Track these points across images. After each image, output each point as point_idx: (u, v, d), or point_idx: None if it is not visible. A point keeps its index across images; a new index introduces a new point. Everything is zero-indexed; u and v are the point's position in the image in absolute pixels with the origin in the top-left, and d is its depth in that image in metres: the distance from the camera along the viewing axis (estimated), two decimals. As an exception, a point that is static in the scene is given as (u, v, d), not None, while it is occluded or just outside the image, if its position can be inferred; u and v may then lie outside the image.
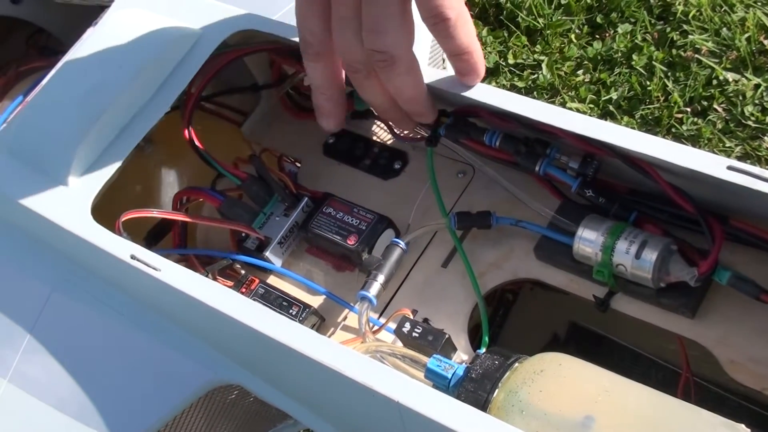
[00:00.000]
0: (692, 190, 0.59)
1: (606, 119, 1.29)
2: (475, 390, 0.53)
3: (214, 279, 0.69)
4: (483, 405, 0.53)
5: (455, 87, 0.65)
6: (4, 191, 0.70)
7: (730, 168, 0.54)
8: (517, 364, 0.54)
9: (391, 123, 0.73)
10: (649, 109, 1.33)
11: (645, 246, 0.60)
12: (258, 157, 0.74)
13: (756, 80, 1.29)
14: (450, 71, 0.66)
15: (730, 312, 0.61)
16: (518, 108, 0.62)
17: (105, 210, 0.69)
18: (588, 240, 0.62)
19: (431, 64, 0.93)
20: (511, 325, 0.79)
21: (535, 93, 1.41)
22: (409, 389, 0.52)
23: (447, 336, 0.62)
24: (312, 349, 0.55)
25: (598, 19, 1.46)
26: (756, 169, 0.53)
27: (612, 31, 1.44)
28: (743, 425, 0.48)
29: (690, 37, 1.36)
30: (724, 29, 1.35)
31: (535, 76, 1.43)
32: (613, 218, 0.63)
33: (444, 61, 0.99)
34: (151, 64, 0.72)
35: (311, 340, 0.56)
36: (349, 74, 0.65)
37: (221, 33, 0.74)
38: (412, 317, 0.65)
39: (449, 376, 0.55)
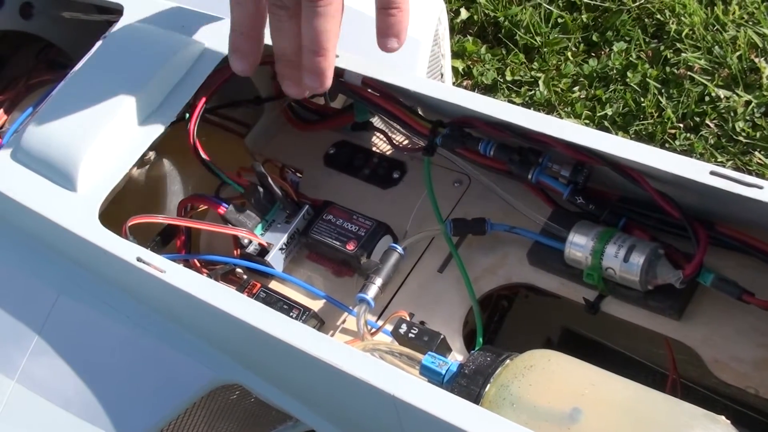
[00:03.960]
0: (679, 197, 0.61)
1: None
2: (468, 385, 0.55)
3: (217, 283, 0.71)
4: (475, 399, 0.54)
5: (452, 98, 0.67)
6: (14, 198, 0.72)
7: (713, 173, 0.56)
8: (508, 361, 0.56)
9: (282, 79, 0.70)
10: (643, 124, 1.35)
11: (633, 250, 0.62)
12: (260, 165, 0.76)
13: (747, 97, 1.31)
14: (448, 83, 0.68)
15: (714, 313, 0.63)
16: (512, 117, 0.64)
17: (111, 217, 0.71)
18: (578, 245, 0.64)
19: (429, 76, 0.95)
20: (505, 332, 0.80)
21: (532, 109, 1.43)
22: (404, 383, 0.54)
23: (442, 337, 0.64)
24: (311, 345, 0.57)
25: (594, 38, 1.49)
26: (737, 174, 0.55)
27: (607, 49, 1.47)
28: (723, 416, 0.50)
29: (683, 55, 1.39)
30: (716, 47, 1.37)
31: (533, 92, 1.45)
32: (602, 224, 0.65)
33: (442, 75, 1.01)
34: (156, 76, 0.74)
35: (310, 338, 0.58)
36: (272, 11, 0.65)
37: (225, 46, 0.76)
38: (408, 319, 0.67)
39: (443, 372, 0.57)
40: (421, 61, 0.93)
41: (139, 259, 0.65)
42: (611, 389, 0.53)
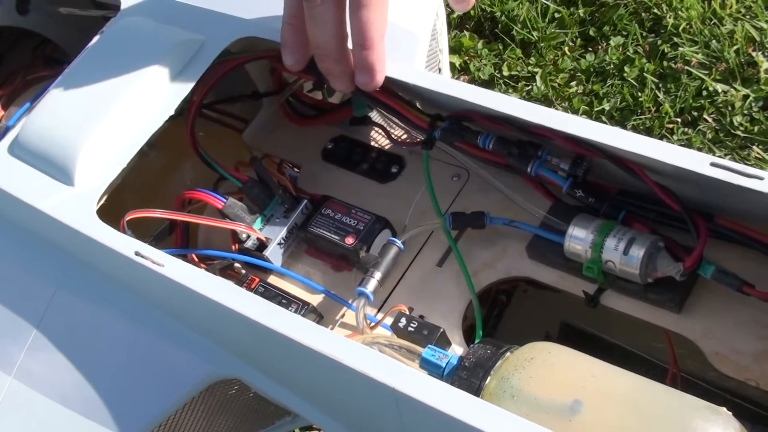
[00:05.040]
0: (678, 190, 0.61)
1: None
2: (468, 377, 0.55)
3: (215, 278, 0.71)
4: (476, 391, 0.54)
5: (452, 91, 0.67)
6: (12, 193, 0.72)
7: (713, 164, 0.56)
8: (508, 353, 0.56)
9: (327, 75, 0.68)
10: (640, 119, 1.35)
11: (633, 243, 0.62)
12: (258, 159, 0.76)
13: (744, 91, 1.31)
14: (446, 75, 0.68)
15: (714, 306, 0.63)
16: (512, 110, 0.64)
17: (109, 212, 0.71)
18: (578, 238, 0.64)
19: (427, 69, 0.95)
20: (504, 326, 0.80)
21: (529, 105, 1.43)
22: (404, 376, 0.53)
23: (442, 330, 0.64)
24: (310, 338, 0.57)
25: (591, 32, 1.49)
26: (738, 166, 0.55)
27: (604, 44, 1.47)
28: (724, 408, 0.50)
29: (680, 49, 1.39)
30: (714, 42, 1.38)
31: (530, 87, 1.45)
32: (602, 217, 0.65)
33: (440, 71, 1.01)
34: (154, 70, 0.74)
35: (310, 331, 0.58)
36: (306, 0, 0.62)
37: (224, 41, 0.76)
38: (408, 313, 0.67)
39: (443, 365, 0.57)
40: (419, 56, 0.92)
41: (137, 253, 0.65)
42: (612, 381, 0.53)
